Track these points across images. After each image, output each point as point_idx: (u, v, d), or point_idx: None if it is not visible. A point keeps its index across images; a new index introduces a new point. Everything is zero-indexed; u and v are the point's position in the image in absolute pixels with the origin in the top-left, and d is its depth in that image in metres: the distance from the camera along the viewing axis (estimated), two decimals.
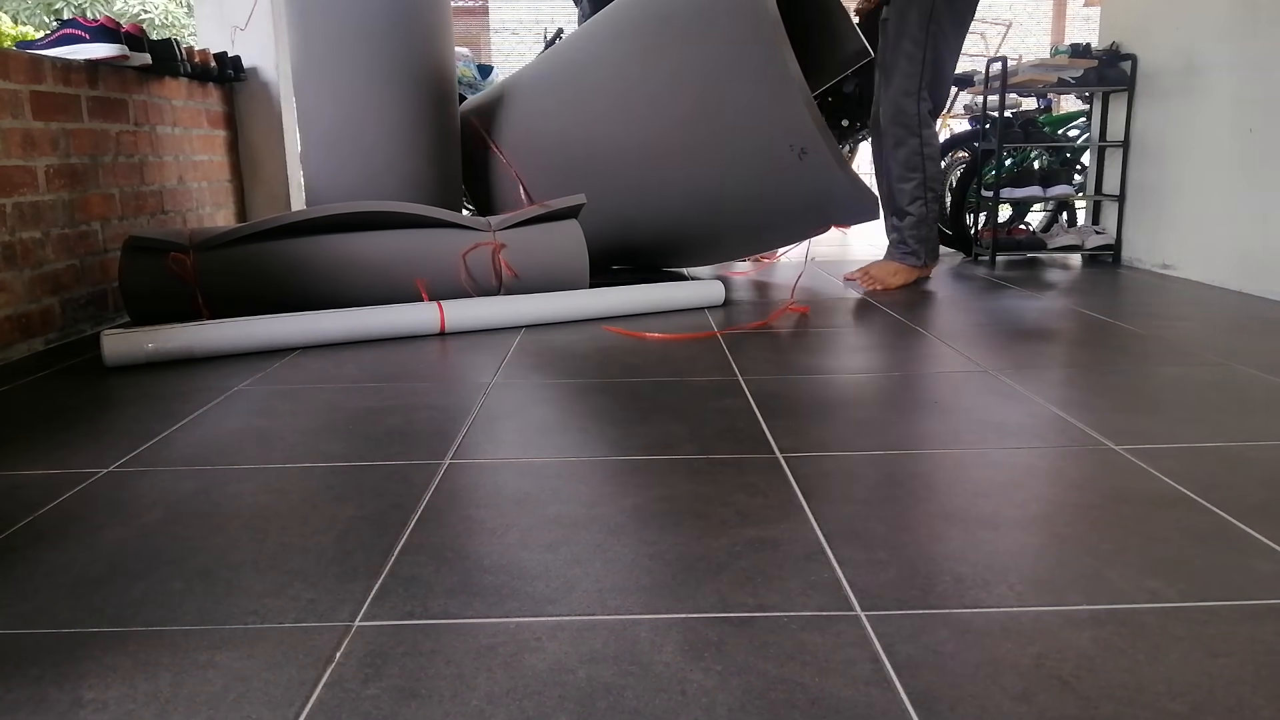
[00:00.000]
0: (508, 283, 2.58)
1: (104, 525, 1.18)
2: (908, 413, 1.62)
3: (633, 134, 2.82)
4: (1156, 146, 3.41)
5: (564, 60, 3.04)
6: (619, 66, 2.86)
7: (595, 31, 2.98)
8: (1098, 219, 3.84)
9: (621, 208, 2.94)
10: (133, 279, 2.28)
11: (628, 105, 2.82)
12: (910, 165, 2.89)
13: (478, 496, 1.26)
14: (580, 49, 3.00)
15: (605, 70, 2.89)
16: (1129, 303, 2.72)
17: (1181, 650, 0.85)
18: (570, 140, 2.95)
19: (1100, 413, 1.61)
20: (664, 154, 2.78)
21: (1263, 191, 2.81)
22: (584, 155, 2.93)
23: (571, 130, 2.95)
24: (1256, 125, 2.84)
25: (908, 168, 2.90)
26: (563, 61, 3.04)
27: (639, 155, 2.83)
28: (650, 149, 2.80)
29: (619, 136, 2.85)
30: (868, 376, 1.88)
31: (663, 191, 2.85)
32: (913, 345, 2.17)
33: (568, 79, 2.98)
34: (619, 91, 2.84)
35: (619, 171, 2.88)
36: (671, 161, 2.78)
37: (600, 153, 2.90)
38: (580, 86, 2.94)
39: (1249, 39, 2.88)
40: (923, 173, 2.90)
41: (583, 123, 2.92)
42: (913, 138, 2.88)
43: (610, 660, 0.85)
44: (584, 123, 2.92)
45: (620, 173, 2.88)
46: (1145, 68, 3.47)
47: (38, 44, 2.47)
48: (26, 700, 0.81)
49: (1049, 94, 4.36)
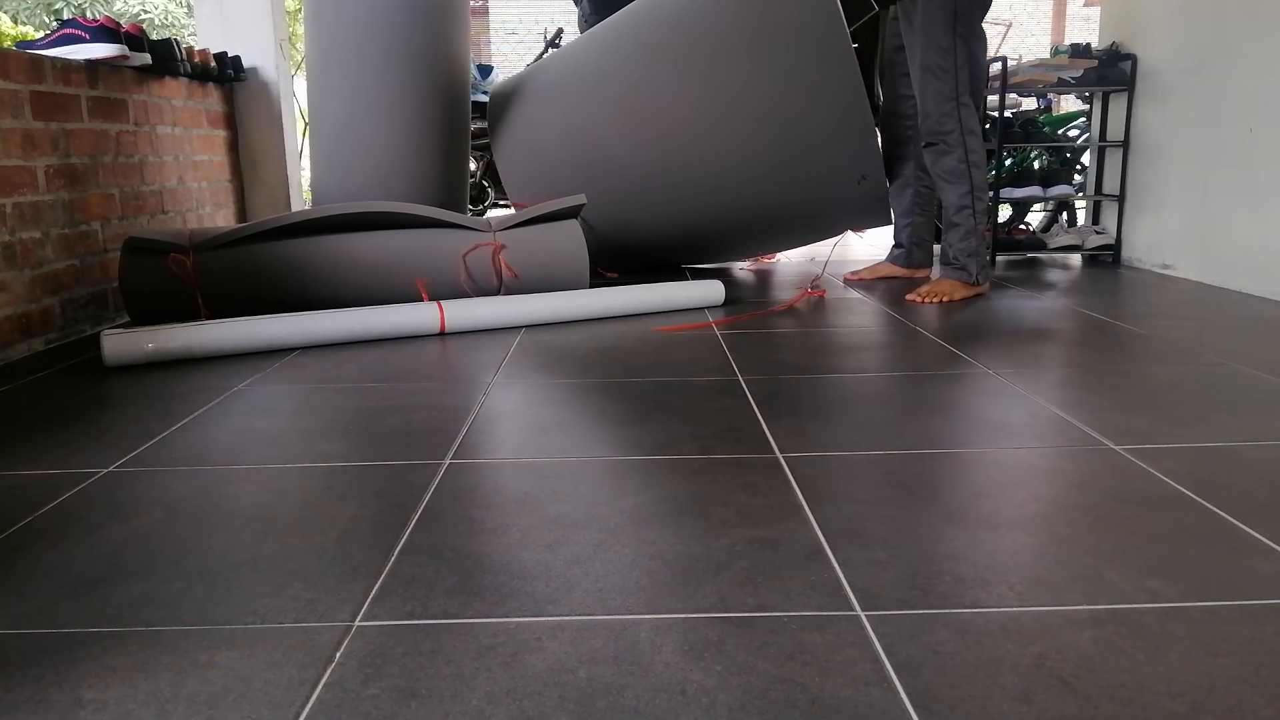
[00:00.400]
0: (508, 283, 2.58)
1: (104, 525, 1.18)
2: (908, 413, 1.62)
3: (700, 154, 2.87)
4: (1156, 146, 3.41)
5: (607, 72, 3.00)
6: (680, 82, 2.86)
7: (638, 41, 2.95)
8: (1098, 219, 3.84)
9: (675, 209, 2.99)
10: (133, 279, 2.28)
11: (695, 124, 2.85)
12: (955, 173, 2.77)
13: (478, 496, 1.26)
14: (620, 62, 2.97)
15: (663, 86, 2.89)
16: (1129, 303, 2.72)
17: (1181, 650, 0.85)
18: (632, 157, 2.96)
19: (1100, 413, 1.61)
20: (731, 178, 2.86)
21: (1263, 191, 2.81)
22: (640, 164, 2.95)
23: (633, 147, 2.96)
24: (1256, 125, 2.84)
25: (953, 175, 2.79)
26: (606, 74, 3.00)
27: (701, 173, 2.89)
28: (714, 169, 2.86)
29: (683, 156, 2.88)
30: (868, 376, 1.88)
31: (714, 200, 2.92)
32: (912, 345, 2.17)
33: (618, 91, 2.96)
34: (684, 107, 2.86)
35: (682, 182, 2.92)
36: (734, 177, 2.86)
37: (660, 169, 2.93)
38: (636, 102, 2.92)
39: (1249, 39, 2.88)
40: (969, 180, 2.77)
41: (643, 141, 2.93)
42: (957, 148, 2.76)
43: (610, 660, 0.85)
44: (644, 141, 2.93)
45: (679, 184, 2.93)
46: (1145, 68, 3.47)
47: (38, 44, 2.47)
48: (26, 700, 0.81)
49: (1049, 94, 4.36)
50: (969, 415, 1.61)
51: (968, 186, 2.77)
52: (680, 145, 2.86)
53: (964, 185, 2.77)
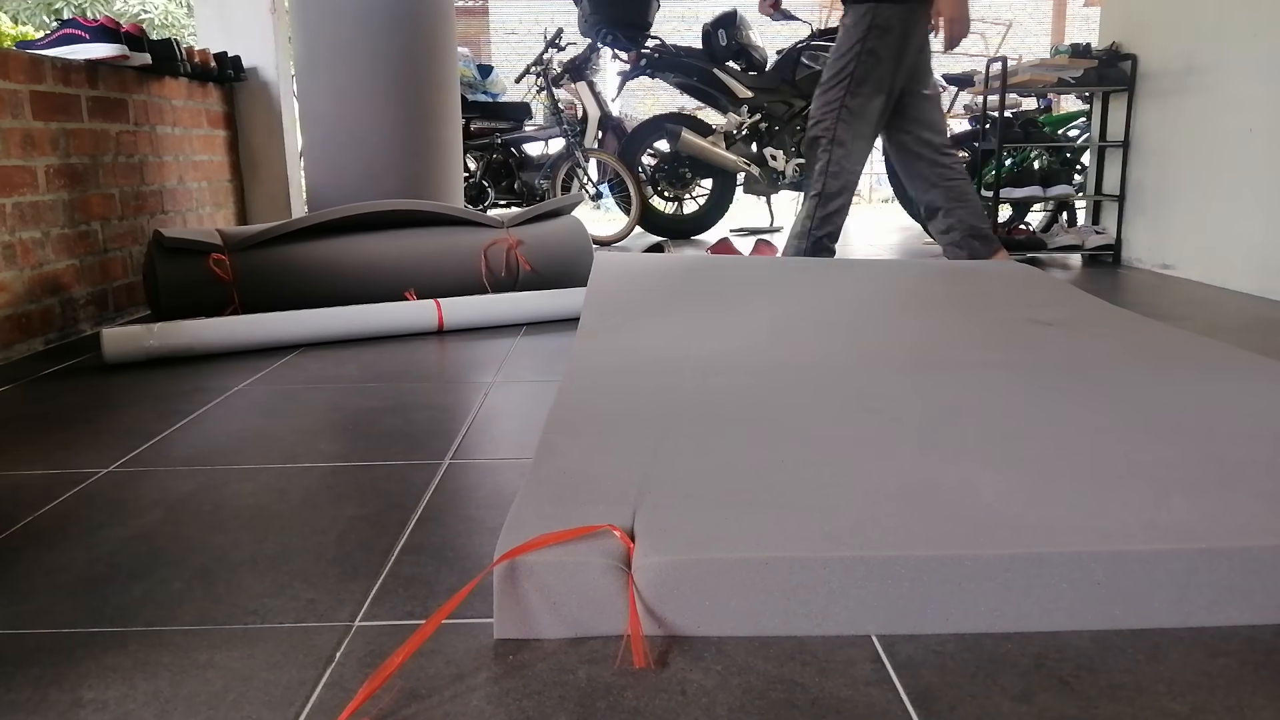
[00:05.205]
0: (525, 277, 2.65)
1: (104, 525, 1.18)
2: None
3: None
4: (1156, 146, 3.41)
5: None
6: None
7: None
8: (1098, 219, 3.84)
9: None
10: (168, 277, 2.28)
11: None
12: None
13: (478, 496, 1.26)
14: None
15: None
16: (1129, 303, 2.71)
17: (1181, 650, 0.85)
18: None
19: None
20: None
21: (1263, 191, 2.81)
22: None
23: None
24: (1256, 125, 2.84)
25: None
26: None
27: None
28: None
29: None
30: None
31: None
32: None
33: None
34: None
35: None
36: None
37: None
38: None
39: (1249, 39, 2.88)
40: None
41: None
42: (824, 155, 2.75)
43: (610, 660, 0.85)
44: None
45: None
46: (1145, 68, 3.47)
47: (38, 44, 2.47)
48: (26, 700, 0.81)
49: (1049, 94, 4.36)
50: None
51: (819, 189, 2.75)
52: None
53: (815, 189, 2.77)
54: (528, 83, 4.89)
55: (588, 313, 1.96)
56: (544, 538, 0.90)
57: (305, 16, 2.79)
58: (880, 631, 0.87)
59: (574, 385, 1.46)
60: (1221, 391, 1.39)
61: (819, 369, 1.54)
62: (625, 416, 1.30)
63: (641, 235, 4.70)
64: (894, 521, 0.94)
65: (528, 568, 0.88)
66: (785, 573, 0.87)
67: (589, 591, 0.87)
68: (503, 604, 0.88)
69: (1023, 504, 0.98)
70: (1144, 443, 1.16)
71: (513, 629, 0.88)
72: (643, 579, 0.87)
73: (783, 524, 0.94)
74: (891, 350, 1.67)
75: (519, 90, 5.12)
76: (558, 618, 0.88)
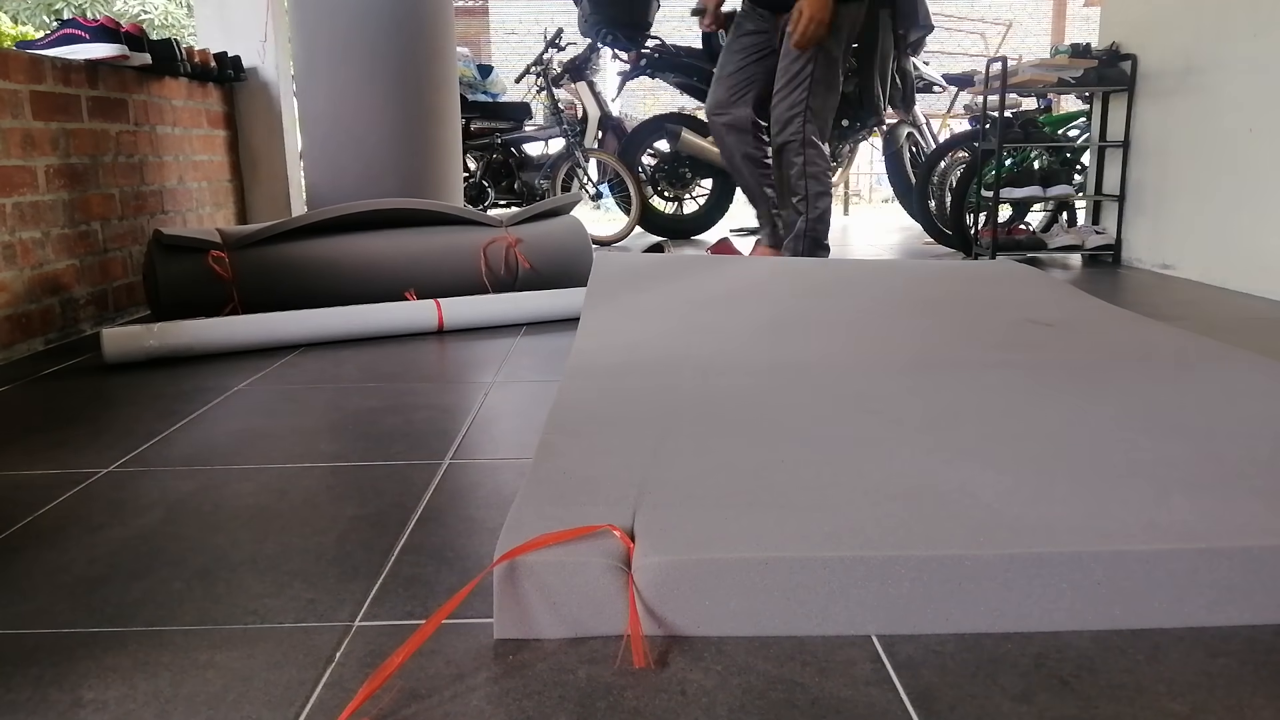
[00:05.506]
0: (524, 276, 2.65)
1: (104, 525, 1.18)
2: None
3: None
4: (1156, 146, 3.41)
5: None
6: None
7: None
8: (1098, 219, 3.84)
9: None
10: (168, 275, 2.28)
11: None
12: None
13: (478, 496, 1.26)
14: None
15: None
16: (1129, 303, 2.71)
17: (1181, 650, 0.85)
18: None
19: None
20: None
21: (1263, 191, 2.81)
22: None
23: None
24: (1256, 125, 2.84)
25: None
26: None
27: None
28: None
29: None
30: None
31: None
32: None
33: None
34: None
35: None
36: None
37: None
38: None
39: (1249, 39, 2.88)
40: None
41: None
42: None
43: (610, 660, 0.85)
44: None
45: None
46: (1145, 68, 3.47)
47: (38, 44, 2.47)
48: (26, 700, 0.80)
49: (1049, 94, 4.36)
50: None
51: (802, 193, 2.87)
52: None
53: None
54: (528, 83, 4.89)
55: (588, 313, 1.96)
56: (544, 538, 0.90)
57: (304, 16, 2.79)
58: (880, 631, 0.87)
59: (574, 385, 1.46)
60: (1221, 391, 1.39)
61: (819, 369, 1.55)
62: (625, 417, 1.30)
63: (641, 235, 4.70)
64: (894, 521, 0.94)
65: (528, 568, 0.88)
66: (785, 573, 0.87)
67: (589, 591, 0.87)
68: (503, 604, 0.88)
69: (1023, 504, 0.98)
70: (1144, 442, 1.16)
71: (513, 629, 0.88)
72: (643, 579, 0.87)
73: (783, 524, 0.94)
74: (892, 350, 1.67)
75: (519, 90, 5.12)
76: (558, 618, 0.88)
